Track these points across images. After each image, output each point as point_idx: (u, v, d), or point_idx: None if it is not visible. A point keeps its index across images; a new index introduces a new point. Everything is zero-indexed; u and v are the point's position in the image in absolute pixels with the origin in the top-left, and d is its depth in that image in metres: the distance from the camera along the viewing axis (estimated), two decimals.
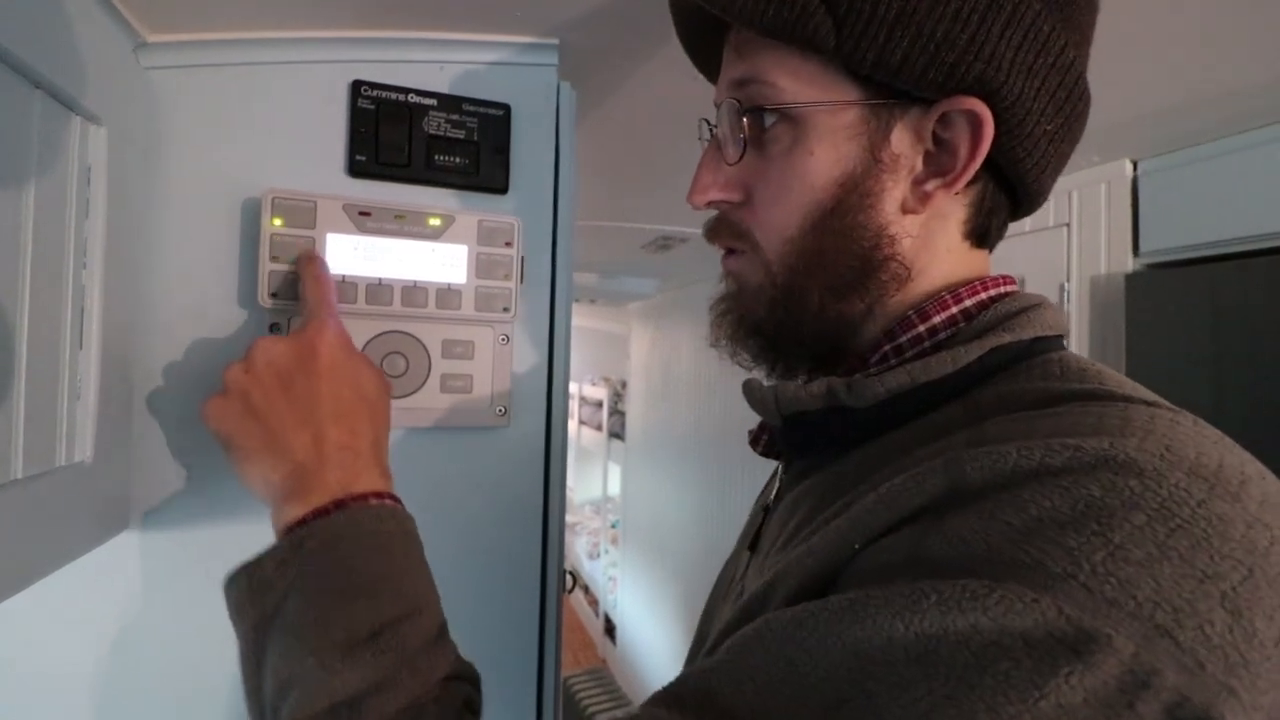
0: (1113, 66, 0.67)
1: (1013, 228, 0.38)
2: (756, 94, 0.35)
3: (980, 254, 0.37)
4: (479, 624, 0.55)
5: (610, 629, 3.45)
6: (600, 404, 3.77)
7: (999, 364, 0.32)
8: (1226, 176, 0.82)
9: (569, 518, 4.38)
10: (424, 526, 0.43)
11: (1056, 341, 0.34)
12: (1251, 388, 0.78)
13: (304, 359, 0.40)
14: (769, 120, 0.35)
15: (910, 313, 0.35)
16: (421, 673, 0.33)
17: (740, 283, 0.39)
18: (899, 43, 0.30)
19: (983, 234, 0.36)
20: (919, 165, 0.33)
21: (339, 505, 0.37)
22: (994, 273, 0.37)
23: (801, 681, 0.24)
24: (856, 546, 0.27)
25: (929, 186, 0.33)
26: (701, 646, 0.42)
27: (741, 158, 0.36)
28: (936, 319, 0.34)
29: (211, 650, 0.49)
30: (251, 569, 0.36)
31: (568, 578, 0.59)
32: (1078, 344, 0.98)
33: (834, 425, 0.34)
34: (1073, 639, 0.20)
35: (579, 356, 3.96)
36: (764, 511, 0.42)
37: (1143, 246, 0.91)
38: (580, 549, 4.32)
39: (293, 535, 0.36)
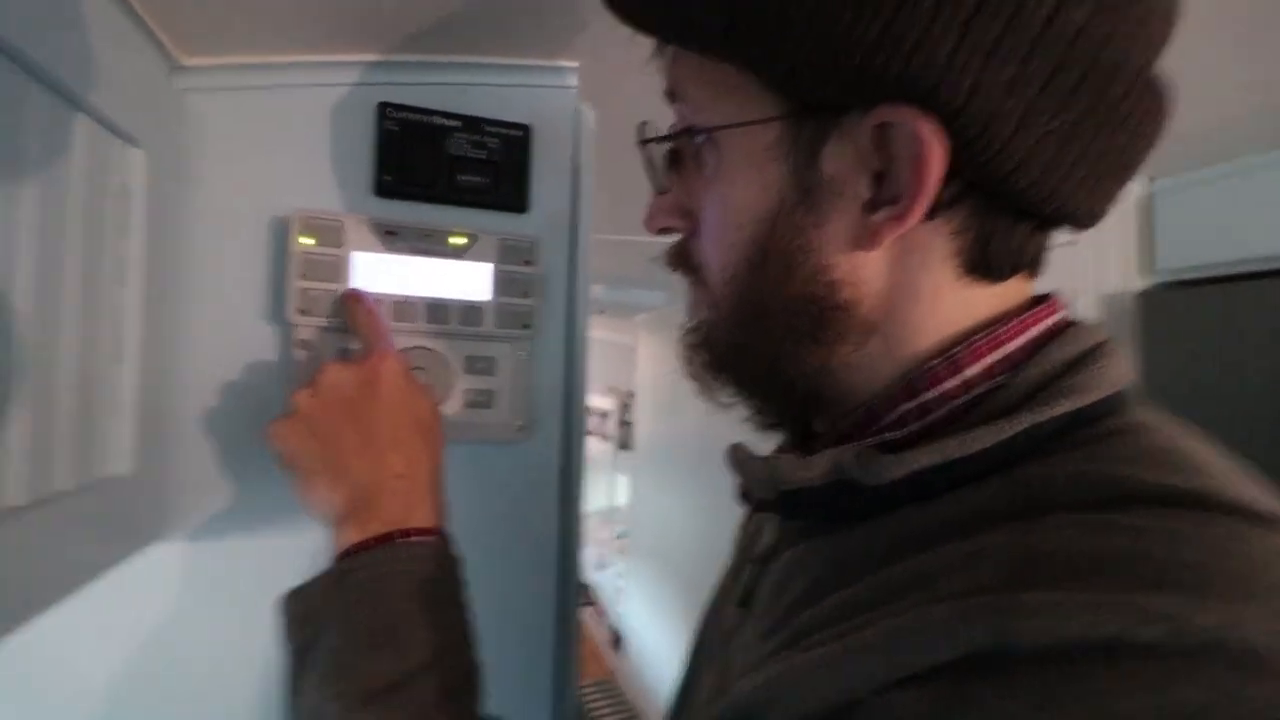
0: None
1: None
2: (677, 110, 0.31)
3: (996, 289, 0.29)
4: (496, 636, 0.56)
5: (617, 640, 3.44)
6: (606, 414, 3.77)
7: (1052, 431, 0.25)
8: (1245, 196, 0.83)
9: None
10: None
11: (1122, 397, 0.27)
12: (1269, 409, 0.78)
13: (366, 385, 0.41)
14: (701, 139, 0.30)
15: (936, 361, 0.28)
16: None
17: (699, 313, 0.34)
18: (795, 42, 0.24)
19: (984, 267, 0.28)
20: (865, 190, 0.27)
21: (385, 539, 0.37)
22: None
23: None
24: (860, 697, 0.21)
25: (878, 218, 0.26)
26: (685, 705, 0.40)
27: (669, 185, 0.33)
28: (970, 371, 0.27)
29: (242, 659, 0.50)
30: (300, 595, 0.37)
31: (584, 591, 0.60)
32: None
33: (842, 500, 0.28)
34: None
35: (586, 368, 3.96)
36: (759, 562, 0.36)
37: (1158, 264, 0.91)
38: (587, 559, 4.31)
39: (339, 566, 0.37)
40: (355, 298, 0.48)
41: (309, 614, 0.37)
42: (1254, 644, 0.17)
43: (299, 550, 0.51)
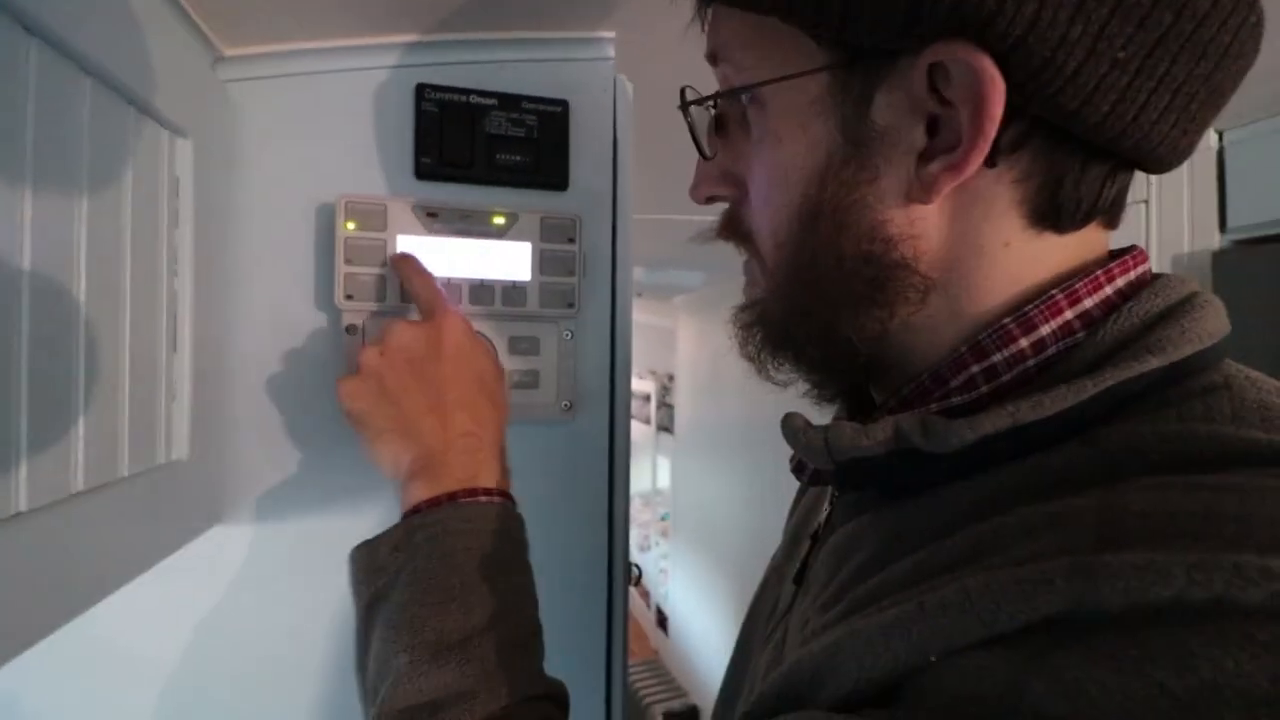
0: None
1: None
2: (720, 73, 0.30)
3: (1068, 238, 0.27)
4: (547, 615, 0.56)
5: (662, 620, 3.47)
6: (648, 397, 3.77)
7: (1137, 390, 0.23)
8: None
9: None
10: None
11: (1215, 352, 0.25)
12: None
13: (433, 345, 0.42)
14: (745, 99, 0.29)
15: (1007, 320, 0.26)
16: (500, 689, 0.34)
17: (753, 291, 0.33)
18: None
19: (1053, 214, 0.26)
20: (920, 139, 0.25)
21: (453, 497, 0.38)
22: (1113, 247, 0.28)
23: None
24: (932, 658, 0.20)
25: (933, 168, 0.25)
26: (738, 684, 0.40)
27: (714, 152, 0.32)
28: (1044, 329, 0.25)
29: (299, 639, 0.52)
30: (371, 548, 0.38)
31: (633, 569, 0.60)
32: None
33: (903, 470, 0.27)
34: None
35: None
36: (811, 539, 0.36)
37: (1231, 222, 0.86)
38: (631, 541, 4.34)
39: (409, 522, 0.38)
40: (406, 260, 0.47)
41: (378, 568, 0.38)
42: None
43: (354, 531, 0.52)
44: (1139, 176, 0.27)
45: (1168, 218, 0.90)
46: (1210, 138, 0.87)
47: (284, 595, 0.52)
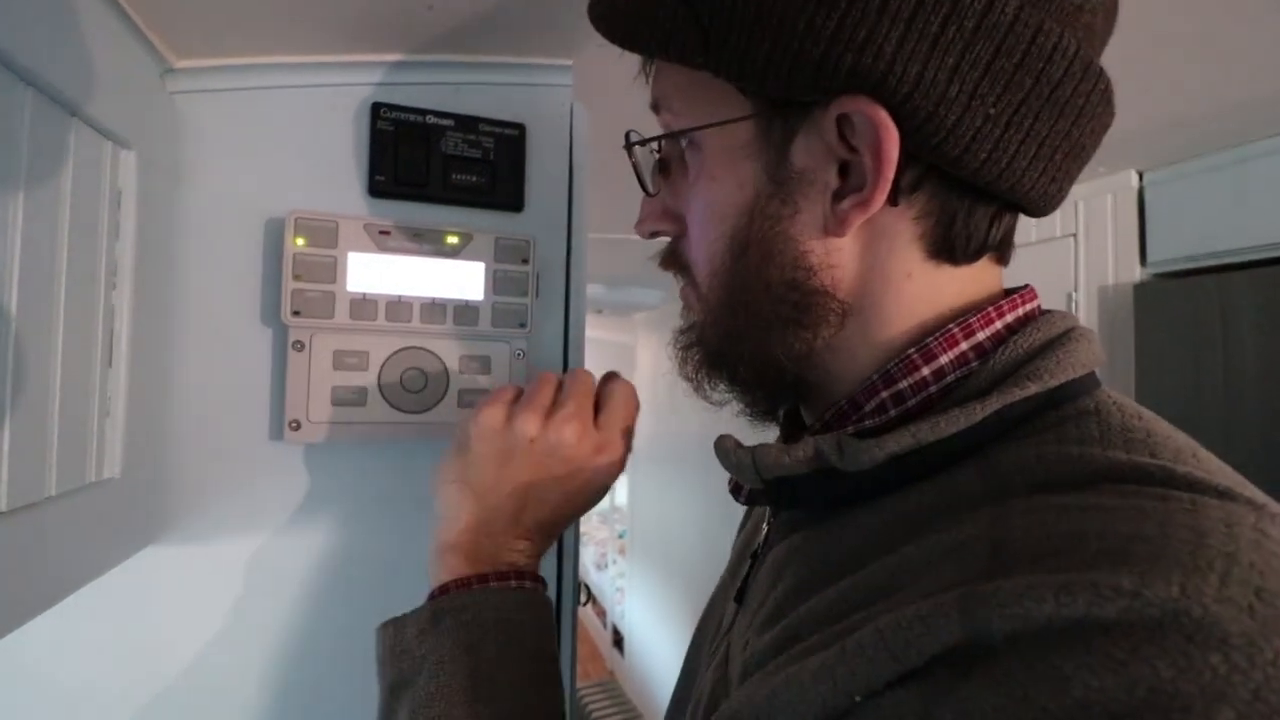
0: (1117, 80, 0.68)
1: (1018, 237, 0.33)
2: (662, 120, 0.34)
3: (963, 271, 0.30)
4: None
5: (618, 640, 3.44)
6: None
7: (1021, 414, 0.26)
8: (1234, 186, 0.83)
9: None
10: None
11: (1089, 380, 0.28)
12: (1265, 396, 0.79)
13: (550, 450, 0.41)
14: (684, 143, 0.33)
15: (911, 350, 0.29)
16: None
17: (689, 316, 0.36)
18: (760, 44, 0.26)
19: (947, 248, 0.29)
20: (833, 179, 0.28)
21: (484, 580, 0.38)
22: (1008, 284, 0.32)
23: None
24: (857, 699, 0.22)
25: (845, 205, 0.28)
26: (684, 703, 0.41)
27: (658, 189, 0.35)
28: (943, 359, 0.28)
29: (232, 662, 0.50)
30: (397, 628, 0.38)
31: (582, 590, 0.60)
32: None
33: (825, 488, 0.30)
34: None
35: (585, 367, 3.96)
36: (751, 559, 0.38)
37: (1150, 256, 0.92)
38: (587, 560, 4.31)
39: (436, 604, 0.38)
40: (620, 385, 0.50)
41: (403, 650, 0.37)
42: (1211, 614, 0.17)
43: (289, 553, 0.51)
44: (1069, 211, 0.31)
45: (1094, 251, 0.96)
46: (1131, 178, 0.93)
47: (217, 618, 0.50)
